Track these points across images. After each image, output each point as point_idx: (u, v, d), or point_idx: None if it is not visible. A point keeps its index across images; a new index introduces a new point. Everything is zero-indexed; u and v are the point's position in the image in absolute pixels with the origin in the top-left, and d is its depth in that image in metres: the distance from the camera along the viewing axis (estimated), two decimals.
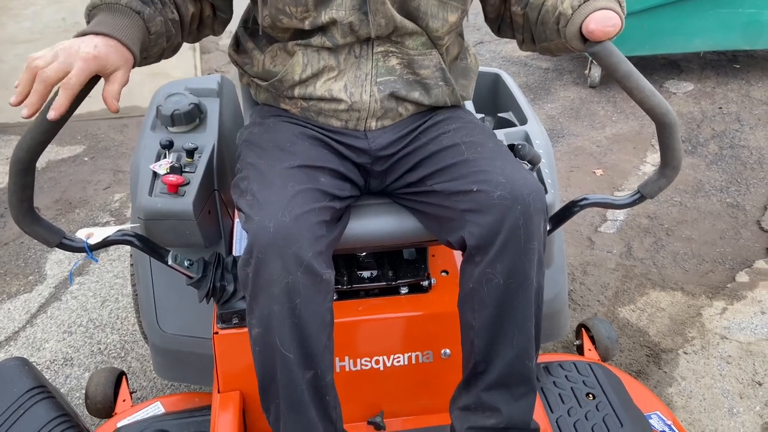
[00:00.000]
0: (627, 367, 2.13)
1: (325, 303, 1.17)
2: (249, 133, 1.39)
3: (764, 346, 2.19)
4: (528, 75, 4.27)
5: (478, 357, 1.25)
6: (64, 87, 0.98)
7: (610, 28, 1.11)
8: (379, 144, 1.36)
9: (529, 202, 1.17)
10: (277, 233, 1.10)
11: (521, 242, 1.17)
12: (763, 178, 3.15)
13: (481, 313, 1.22)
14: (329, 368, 1.21)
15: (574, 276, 2.51)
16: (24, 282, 2.53)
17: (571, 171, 3.22)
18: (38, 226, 1.15)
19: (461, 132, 1.34)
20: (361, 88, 1.30)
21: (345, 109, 1.32)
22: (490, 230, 1.17)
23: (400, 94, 1.33)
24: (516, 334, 1.22)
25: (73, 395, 2.05)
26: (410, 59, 1.32)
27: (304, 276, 1.12)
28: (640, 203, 1.33)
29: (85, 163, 3.33)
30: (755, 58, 4.38)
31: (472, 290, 1.23)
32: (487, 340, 1.23)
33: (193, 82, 1.79)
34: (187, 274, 1.36)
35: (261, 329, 1.15)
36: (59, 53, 0.99)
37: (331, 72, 1.30)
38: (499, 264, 1.18)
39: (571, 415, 1.50)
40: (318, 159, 1.29)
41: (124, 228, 1.30)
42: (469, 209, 1.20)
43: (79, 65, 0.99)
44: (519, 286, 1.19)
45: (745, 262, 2.59)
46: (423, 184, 1.30)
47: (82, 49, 1.00)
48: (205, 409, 1.54)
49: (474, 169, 1.23)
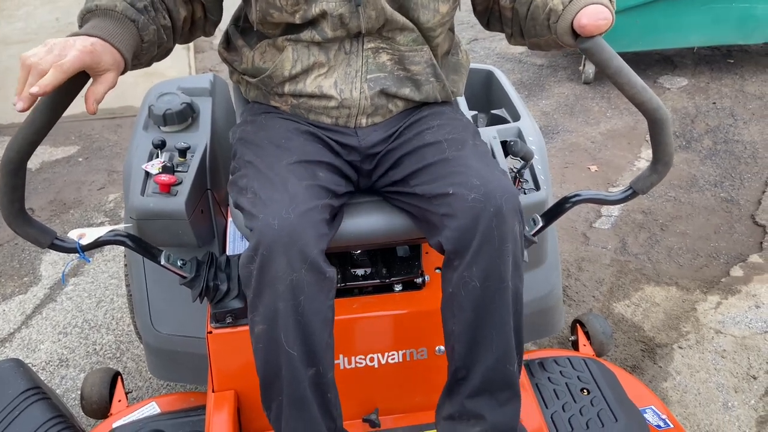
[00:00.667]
0: (622, 362, 2.13)
1: (327, 300, 1.17)
2: (242, 131, 1.39)
3: (759, 340, 2.20)
4: (522, 72, 4.27)
5: (458, 363, 1.25)
6: (55, 67, 0.96)
7: (602, 22, 1.11)
8: (368, 141, 1.36)
9: (501, 203, 1.16)
10: (281, 230, 1.10)
11: (495, 244, 1.16)
12: (757, 173, 3.15)
13: (460, 318, 1.22)
14: (330, 365, 1.21)
15: (568, 272, 2.52)
16: (19, 283, 2.52)
17: (566, 167, 3.22)
18: (30, 227, 1.15)
19: (445, 128, 1.34)
20: (351, 85, 1.30)
21: (335, 106, 1.32)
22: (465, 233, 1.17)
23: (390, 90, 1.33)
24: (495, 337, 1.21)
25: (68, 396, 2.05)
26: (401, 55, 1.32)
27: (308, 273, 1.12)
28: (632, 199, 1.33)
29: (79, 164, 3.33)
30: (749, 53, 4.39)
31: (451, 295, 1.23)
32: (466, 345, 1.23)
33: (186, 81, 1.79)
34: (180, 274, 1.35)
35: (265, 326, 1.15)
36: (54, 47, 0.99)
37: (321, 68, 1.30)
38: (475, 267, 1.17)
39: (566, 411, 1.50)
40: (314, 154, 1.29)
41: (116, 228, 1.30)
42: (445, 213, 1.20)
43: (74, 54, 0.98)
44: (495, 289, 1.18)
45: (740, 257, 2.60)
46: (406, 184, 1.30)
47: (78, 43, 1.00)
48: (200, 408, 1.54)
49: (452, 169, 1.23)
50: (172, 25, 1.25)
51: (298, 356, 1.15)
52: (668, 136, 1.19)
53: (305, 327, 1.14)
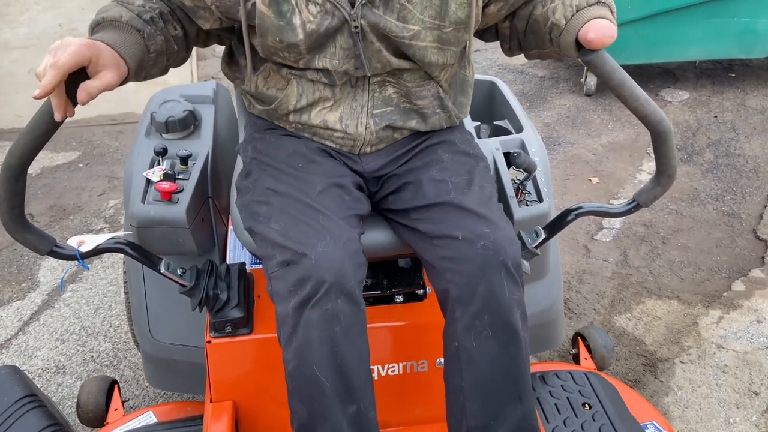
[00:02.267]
0: (623, 376, 2.12)
1: (362, 335, 1.14)
2: (254, 150, 1.36)
3: (760, 355, 2.18)
4: (524, 83, 4.27)
5: (471, 422, 1.16)
6: (51, 66, 0.95)
7: (608, 38, 1.10)
8: (371, 167, 1.35)
9: (510, 253, 1.15)
10: (320, 264, 1.08)
11: (505, 294, 1.14)
12: (759, 187, 3.15)
13: (471, 371, 1.16)
14: (372, 404, 1.15)
15: (570, 284, 2.51)
16: (17, 289, 2.51)
17: (567, 179, 3.22)
18: (29, 233, 1.14)
19: (452, 167, 1.31)
20: (357, 120, 1.29)
21: (340, 136, 1.31)
22: (472, 279, 1.14)
23: (397, 124, 1.32)
24: (518, 392, 1.15)
25: (64, 404, 2.03)
26: (407, 90, 1.30)
27: (344, 304, 1.10)
28: (635, 212, 1.32)
29: (79, 170, 3.32)
30: (750, 67, 4.40)
31: (458, 348, 1.17)
32: (482, 401, 1.16)
33: (188, 88, 1.78)
34: (179, 283, 1.34)
35: (297, 361, 1.11)
36: (52, 50, 0.98)
37: (327, 102, 1.28)
38: (487, 316, 1.14)
39: (567, 426, 1.49)
40: (334, 172, 1.28)
41: (116, 235, 1.29)
42: (448, 257, 1.17)
43: (71, 49, 0.97)
44: (510, 339, 1.15)
45: (741, 271, 2.59)
46: (407, 217, 1.28)
47: (76, 40, 0.99)
48: (197, 418, 1.53)
49: (456, 214, 1.21)
50: (184, 35, 1.24)
51: (334, 390, 1.10)
52: (671, 148, 1.19)
53: (342, 359, 1.10)
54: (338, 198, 1.23)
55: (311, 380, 1.10)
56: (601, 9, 1.15)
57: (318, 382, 1.09)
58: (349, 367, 1.11)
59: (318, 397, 1.10)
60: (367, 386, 1.14)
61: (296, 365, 1.11)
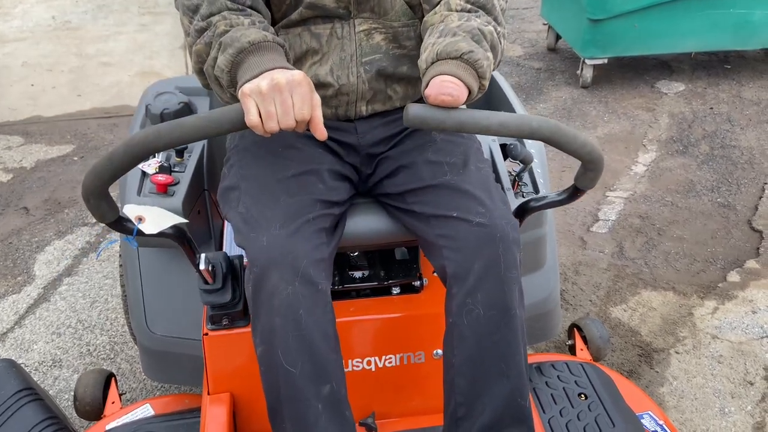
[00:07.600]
0: (619, 366, 2.13)
1: (325, 314, 1.14)
2: (240, 136, 1.36)
3: (755, 345, 2.19)
4: (520, 75, 4.27)
5: (459, 398, 1.17)
6: (314, 107, 1.01)
7: (445, 98, 0.99)
8: (368, 140, 1.34)
9: (507, 231, 1.15)
10: (271, 247, 1.09)
11: (501, 271, 1.13)
12: (754, 179, 3.16)
13: (461, 349, 1.15)
14: (343, 382, 1.15)
15: (566, 276, 2.51)
16: (12, 282, 2.50)
17: (563, 171, 3.22)
18: (105, 200, 1.05)
19: (447, 147, 1.31)
20: (348, 70, 1.28)
21: (333, 94, 1.29)
22: (468, 256, 1.14)
23: (387, 71, 1.30)
24: (506, 370, 1.15)
25: (61, 397, 2.03)
26: (395, 32, 1.29)
27: (302, 286, 1.09)
28: (579, 197, 1.27)
29: (74, 163, 3.31)
30: (746, 59, 4.40)
31: (452, 325, 1.17)
32: (470, 378, 1.15)
33: (183, 80, 1.78)
34: (208, 280, 1.31)
35: (264, 346, 1.12)
36: (289, 86, 0.98)
37: (315, 55, 1.27)
38: (479, 293, 1.14)
39: (563, 416, 1.50)
40: (314, 160, 1.27)
41: (179, 221, 1.21)
42: (445, 235, 1.17)
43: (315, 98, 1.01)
44: (501, 318, 1.14)
45: (737, 262, 2.60)
46: (403, 200, 1.28)
47: (315, 98, 1.01)
48: (195, 411, 1.53)
49: (453, 194, 1.21)
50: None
51: (304, 374, 1.10)
52: (569, 142, 1.07)
53: (310, 342, 1.10)
54: (309, 184, 1.22)
55: (277, 365, 1.11)
56: (455, 66, 1.05)
57: (282, 368, 1.10)
58: (319, 349, 1.11)
59: (286, 382, 1.11)
60: (337, 366, 1.15)
61: (264, 350, 1.12)
